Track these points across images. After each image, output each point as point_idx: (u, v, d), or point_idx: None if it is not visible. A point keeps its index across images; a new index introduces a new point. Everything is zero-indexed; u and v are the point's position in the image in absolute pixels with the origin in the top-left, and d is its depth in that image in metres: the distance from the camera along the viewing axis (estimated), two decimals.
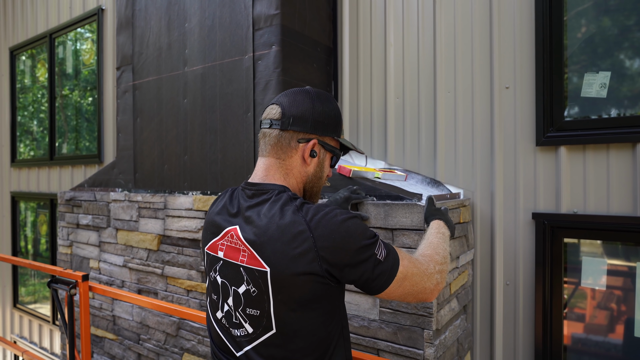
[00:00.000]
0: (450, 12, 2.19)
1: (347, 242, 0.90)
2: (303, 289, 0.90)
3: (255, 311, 0.95)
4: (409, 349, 1.61)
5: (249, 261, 0.94)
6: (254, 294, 0.94)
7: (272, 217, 0.93)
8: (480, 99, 2.10)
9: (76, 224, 3.06)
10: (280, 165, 1.04)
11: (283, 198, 0.96)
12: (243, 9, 2.19)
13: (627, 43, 1.80)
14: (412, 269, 0.99)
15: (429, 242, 1.19)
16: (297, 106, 1.03)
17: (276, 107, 1.05)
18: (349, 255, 0.90)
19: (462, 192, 2.14)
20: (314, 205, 0.95)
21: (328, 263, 0.89)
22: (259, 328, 0.95)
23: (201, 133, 2.36)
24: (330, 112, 1.07)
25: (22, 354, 2.58)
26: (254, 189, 1.02)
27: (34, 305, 4.96)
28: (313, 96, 1.06)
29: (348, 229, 0.91)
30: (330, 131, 1.07)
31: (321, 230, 0.90)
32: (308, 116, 1.03)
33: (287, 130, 1.02)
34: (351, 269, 0.92)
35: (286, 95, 1.07)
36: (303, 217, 0.91)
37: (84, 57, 4.14)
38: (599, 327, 1.86)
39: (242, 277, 0.96)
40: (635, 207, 1.76)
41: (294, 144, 1.03)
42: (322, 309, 0.94)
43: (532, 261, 1.97)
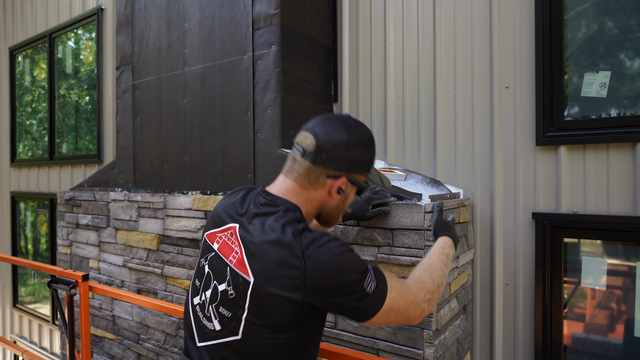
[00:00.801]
0: (450, 12, 2.18)
1: (337, 277, 0.90)
2: (278, 312, 0.91)
3: (228, 313, 0.96)
4: (409, 348, 1.61)
5: (237, 265, 0.95)
6: (231, 296, 0.95)
7: (272, 232, 0.93)
8: (480, 98, 2.10)
9: (76, 224, 3.06)
10: (302, 192, 1.04)
11: (289, 217, 0.96)
12: (242, 8, 2.19)
13: (627, 43, 1.80)
14: (399, 300, 0.98)
15: (429, 263, 1.16)
16: (332, 142, 0.99)
17: (311, 138, 1.01)
18: (336, 290, 0.91)
19: (462, 191, 2.14)
20: (315, 233, 0.95)
21: (312, 294, 0.90)
22: (226, 329, 0.96)
23: (201, 133, 2.36)
24: (366, 151, 1.04)
25: (22, 353, 2.58)
26: (267, 198, 1.02)
27: (33, 305, 4.96)
28: (351, 133, 1.02)
29: (340, 263, 0.91)
30: (362, 169, 1.06)
31: (313, 260, 0.90)
32: (342, 155, 1.00)
33: (318, 165, 1.01)
34: (335, 302, 0.92)
35: (324, 125, 1.02)
36: (300, 244, 0.91)
37: (83, 57, 4.14)
38: (599, 327, 1.86)
39: (225, 276, 0.97)
40: (635, 207, 1.75)
41: (323, 179, 1.02)
42: (291, 333, 0.94)
43: (532, 261, 1.97)
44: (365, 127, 1.08)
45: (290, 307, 0.90)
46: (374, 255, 1.68)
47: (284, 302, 0.90)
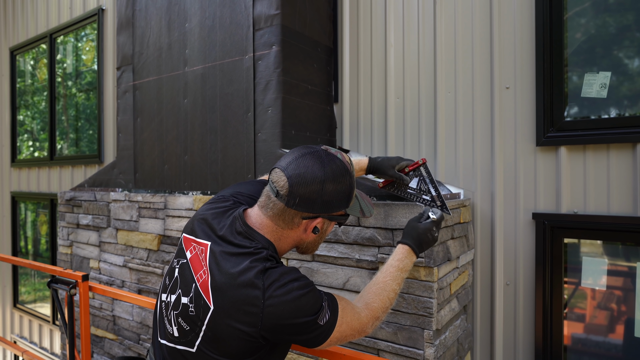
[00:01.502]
0: (450, 12, 2.19)
1: (294, 318, 0.93)
2: (232, 342, 0.93)
3: (186, 326, 0.98)
4: (409, 349, 1.61)
5: (202, 286, 0.97)
6: (191, 313, 0.97)
7: (238, 268, 0.94)
8: (480, 99, 2.10)
9: (76, 224, 3.06)
10: (276, 230, 1.03)
11: (258, 255, 0.97)
12: (243, 9, 2.19)
13: (627, 43, 1.80)
14: (347, 331, 1.02)
15: (384, 284, 1.13)
16: (304, 185, 0.96)
17: (284, 179, 0.98)
18: (290, 329, 0.94)
19: (463, 192, 2.14)
20: (279, 272, 0.95)
21: (267, 332, 0.93)
22: (183, 339, 0.99)
23: (201, 133, 2.36)
24: (342, 188, 1.01)
25: (22, 354, 2.58)
26: (244, 229, 1.01)
27: (34, 305, 4.96)
28: (326, 172, 0.98)
29: (298, 307, 0.93)
30: (339, 207, 1.03)
31: (272, 302, 0.92)
32: (316, 199, 0.98)
33: (291, 208, 0.99)
34: (289, 338, 0.97)
35: (296, 165, 0.98)
36: (262, 283, 0.92)
37: (84, 57, 4.14)
38: (599, 327, 1.86)
39: (190, 291, 0.99)
40: (636, 207, 1.76)
41: (297, 221, 1.02)
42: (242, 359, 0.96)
43: (532, 261, 1.97)
44: (341, 161, 1.03)
45: (244, 339, 0.92)
46: (375, 255, 1.69)
47: (239, 335, 0.92)
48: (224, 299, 0.93)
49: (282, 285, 0.93)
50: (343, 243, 1.76)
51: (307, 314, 0.94)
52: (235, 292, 0.92)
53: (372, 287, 1.13)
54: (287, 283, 0.94)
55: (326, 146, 1.06)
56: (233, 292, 0.92)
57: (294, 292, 0.94)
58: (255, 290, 0.92)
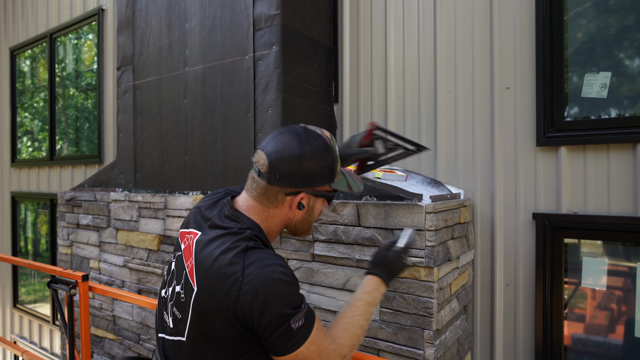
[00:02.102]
0: (450, 13, 2.19)
1: (269, 303, 0.88)
2: (216, 325, 0.91)
3: (179, 314, 0.99)
4: (410, 349, 1.61)
5: (189, 271, 0.98)
6: (182, 299, 0.98)
7: (221, 247, 0.94)
8: (480, 99, 2.10)
9: (76, 224, 3.06)
10: (262, 210, 1.03)
11: (242, 235, 0.96)
12: (243, 9, 2.19)
13: (627, 43, 1.80)
14: (314, 354, 0.94)
15: (352, 320, 1.04)
16: (284, 161, 0.97)
17: (264, 157, 0.99)
18: (262, 317, 0.88)
19: (463, 192, 2.14)
20: (262, 253, 0.93)
21: (240, 312, 0.89)
22: (177, 328, 1.00)
23: (202, 133, 2.36)
24: (322, 162, 1.00)
25: (22, 354, 2.58)
26: (231, 212, 1.02)
27: (34, 305, 4.96)
28: (304, 145, 0.98)
29: (277, 291, 0.89)
30: (322, 181, 1.02)
31: (251, 278, 0.88)
32: (296, 172, 0.98)
33: (273, 185, 0.99)
34: (259, 328, 0.90)
35: (275, 142, 1.00)
36: (243, 261, 0.91)
37: (84, 57, 4.14)
38: (599, 328, 1.86)
39: (181, 279, 1.00)
40: (636, 208, 1.76)
41: (281, 197, 1.01)
42: (230, 349, 0.93)
43: (533, 261, 1.97)
44: (321, 136, 1.03)
45: (223, 321, 0.90)
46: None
47: (218, 316, 0.90)
48: (205, 279, 0.92)
49: (265, 265, 0.90)
50: (343, 243, 1.76)
51: (285, 304, 0.89)
52: (216, 272, 0.91)
53: (340, 321, 1.05)
54: (270, 265, 0.91)
55: (305, 124, 1.06)
56: (214, 272, 0.91)
57: (276, 275, 0.90)
58: (234, 267, 0.90)
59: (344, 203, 1.79)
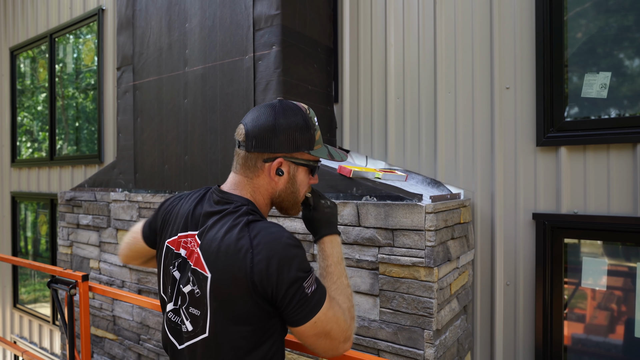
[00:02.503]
0: (450, 13, 2.19)
1: (282, 269, 0.90)
2: (237, 304, 0.92)
3: (197, 311, 0.99)
4: (409, 349, 1.61)
5: (196, 263, 0.98)
6: (197, 295, 0.98)
7: (223, 227, 0.96)
8: (480, 99, 2.10)
9: (76, 224, 3.06)
10: (248, 183, 1.05)
11: (240, 211, 0.98)
12: (243, 9, 2.19)
13: (627, 43, 1.80)
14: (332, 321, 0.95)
15: (340, 283, 1.03)
16: (259, 126, 1.01)
17: (242, 127, 1.04)
18: (279, 283, 0.90)
19: (463, 192, 2.14)
20: (265, 223, 0.96)
21: (259, 283, 0.90)
22: (197, 327, 0.99)
23: (202, 133, 2.36)
24: (297, 127, 1.03)
25: (22, 354, 2.58)
26: (220, 196, 1.04)
27: (34, 305, 4.96)
28: (277, 112, 1.02)
29: (287, 255, 0.91)
30: (300, 146, 1.04)
31: (260, 249, 0.91)
32: (270, 136, 1.01)
33: (251, 152, 1.02)
34: (277, 296, 0.91)
35: (252, 112, 1.06)
36: (248, 234, 0.93)
37: (84, 58, 4.14)
38: (599, 328, 1.86)
39: (189, 278, 1.00)
40: (636, 208, 1.76)
41: (260, 164, 1.03)
42: (255, 327, 0.94)
43: (533, 261, 1.97)
44: (296, 105, 1.07)
45: (245, 298, 0.92)
46: (375, 255, 1.69)
47: (239, 295, 0.92)
48: (217, 262, 0.93)
49: (270, 233, 0.93)
50: (343, 243, 1.76)
51: (297, 267, 0.90)
52: (225, 251, 0.93)
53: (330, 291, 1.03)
54: (275, 232, 0.93)
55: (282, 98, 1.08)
56: (223, 252, 0.93)
57: (284, 239, 0.92)
58: (242, 241, 0.92)
59: (344, 203, 1.79)
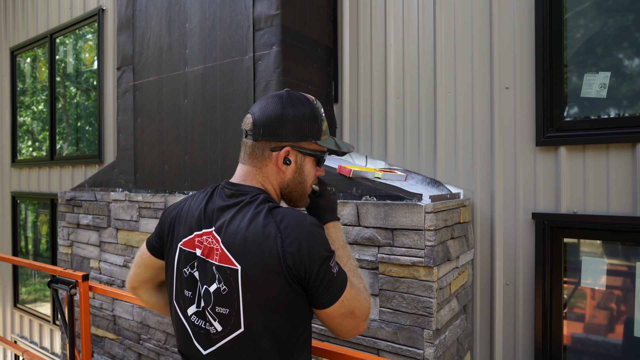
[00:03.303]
0: (450, 13, 2.19)
1: (312, 249, 0.92)
2: (271, 290, 0.92)
3: (225, 310, 0.97)
4: (409, 348, 1.61)
5: (220, 259, 0.97)
6: (224, 292, 0.96)
7: (245, 217, 0.96)
8: (480, 99, 2.11)
9: (76, 224, 3.06)
10: (257, 172, 1.05)
11: (258, 200, 0.99)
12: (243, 9, 2.20)
13: (627, 43, 1.80)
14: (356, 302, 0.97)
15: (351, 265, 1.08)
16: (266, 115, 1.02)
17: (249, 117, 1.04)
18: (311, 262, 0.92)
19: (462, 192, 2.14)
20: (287, 208, 0.97)
21: (293, 266, 0.91)
22: (227, 326, 0.97)
23: (202, 133, 2.37)
24: (304, 116, 1.03)
25: (22, 353, 2.58)
26: (233, 189, 1.03)
27: (34, 305, 4.97)
28: (285, 101, 1.03)
29: (314, 236, 0.93)
30: (307, 136, 1.05)
31: (289, 232, 0.92)
32: (278, 125, 1.01)
33: (259, 140, 1.02)
34: (310, 276, 0.93)
35: (259, 102, 1.06)
36: (273, 219, 0.93)
37: (84, 58, 4.14)
38: (599, 327, 1.87)
39: (213, 276, 0.98)
40: (635, 207, 1.76)
41: (267, 153, 1.03)
42: (290, 313, 0.95)
43: (532, 261, 1.97)
44: (304, 96, 1.07)
45: (279, 283, 0.92)
46: (374, 255, 1.69)
47: (273, 281, 0.92)
48: (245, 252, 0.93)
49: (295, 216, 0.94)
50: None
51: (323, 247, 0.93)
52: (253, 239, 0.92)
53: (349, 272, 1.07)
54: (299, 215, 0.95)
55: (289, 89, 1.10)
56: (251, 241, 0.92)
57: (308, 220, 0.95)
58: (268, 227, 0.92)
59: (344, 203, 1.79)
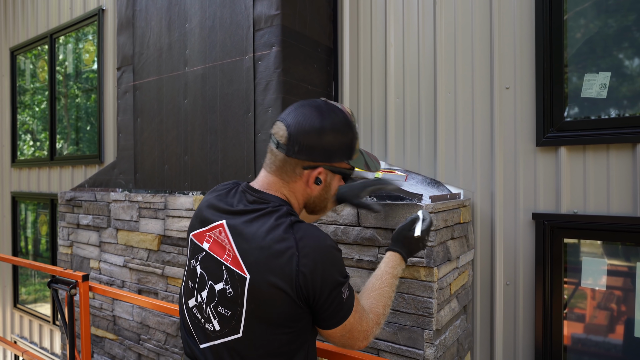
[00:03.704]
0: (450, 13, 2.19)
1: (326, 272, 0.90)
2: (276, 305, 0.90)
3: (227, 311, 0.95)
4: (409, 349, 1.61)
5: (232, 263, 0.95)
6: (229, 294, 0.95)
7: (264, 226, 0.93)
8: (480, 99, 2.10)
9: (76, 224, 3.06)
10: (283, 185, 1.02)
11: (281, 212, 0.96)
12: (243, 9, 2.20)
13: (627, 43, 1.80)
14: (357, 324, 0.98)
15: (382, 291, 1.09)
16: (304, 132, 0.96)
17: (283, 128, 0.98)
18: (323, 287, 0.91)
19: (463, 192, 2.14)
20: (307, 225, 0.95)
21: (304, 286, 0.90)
22: (226, 328, 0.96)
23: (202, 133, 2.37)
24: (342, 138, 1.00)
25: (22, 354, 2.58)
26: (256, 195, 1.00)
27: (34, 305, 4.97)
28: (324, 120, 0.97)
29: (332, 259, 0.92)
30: (341, 157, 1.02)
31: (307, 252, 0.90)
32: (315, 144, 0.97)
33: (291, 157, 0.98)
34: (319, 299, 0.92)
35: (295, 114, 0.99)
36: (293, 235, 0.91)
37: (84, 58, 4.14)
38: (599, 328, 1.86)
39: (222, 275, 0.96)
40: (635, 208, 1.76)
41: (299, 171, 1.00)
42: (290, 328, 0.93)
43: (532, 261, 1.97)
44: (342, 111, 1.02)
45: (286, 300, 0.90)
46: (375, 255, 1.69)
47: (278, 295, 0.90)
48: (257, 263, 0.90)
49: (315, 236, 0.92)
50: (343, 243, 1.76)
51: (339, 272, 0.92)
52: (268, 251, 0.90)
53: (372, 293, 1.09)
54: (319, 235, 0.93)
55: (326, 98, 1.04)
56: (265, 252, 0.90)
57: (327, 243, 0.93)
58: (287, 242, 0.90)
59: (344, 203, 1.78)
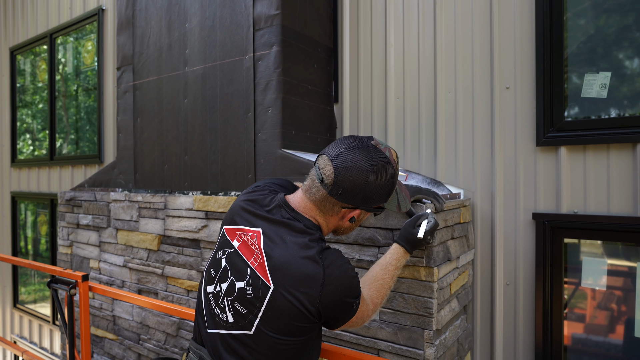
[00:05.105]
0: (450, 13, 2.19)
1: (345, 297, 1.02)
2: (293, 319, 0.99)
3: (243, 309, 1.03)
4: (409, 349, 1.61)
5: (258, 268, 1.02)
6: (248, 295, 1.02)
7: (297, 247, 1.01)
8: (480, 99, 2.10)
9: (76, 224, 3.06)
10: (319, 213, 1.10)
11: (314, 236, 1.04)
12: (243, 9, 2.19)
13: (627, 43, 1.80)
14: (358, 318, 1.10)
15: (383, 281, 1.22)
16: (349, 181, 1.02)
17: (331, 169, 1.03)
18: (339, 311, 1.03)
19: (463, 192, 2.14)
20: (335, 254, 1.04)
21: (324, 308, 1.00)
22: (238, 323, 1.03)
23: (201, 133, 2.37)
24: (383, 190, 1.07)
25: (22, 354, 2.58)
26: (293, 214, 1.08)
27: (34, 305, 4.96)
28: (372, 172, 1.02)
29: (351, 286, 1.03)
30: (378, 202, 1.10)
31: (331, 280, 0.99)
32: (358, 193, 1.04)
33: (333, 197, 1.05)
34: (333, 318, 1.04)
35: (345, 158, 1.02)
36: (322, 262, 1.00)
37: (84, 57, 4.14)
38: (599, 328, 1.86)
39: (245, 276, 1.03)
40: (636, 207, 1.76)
41: (337, 209, 1.08)
42: (298, 338, 1.02)
43: (533, 261, 1.97)
44: (389, 162, 1.06)
45: (302, 315, 0.98)
46: (375, 255, 1.69)
47: (298, 314, 0.98)
48: (284, 277, 0.98)
49: (339, 266, 1.01)
50: (343, 243, 1.76)
51: (353, 295, 1.03)
52: (296, 271, 0.98)
53: (375, 283, 1.20)
54: (343, 265, 1.02)
55: (377, 141, 1.09)
56: (293, 271, 0.98)
57: (349, 273, 1.03)
58: (316, 267, 0.98)
59: None
